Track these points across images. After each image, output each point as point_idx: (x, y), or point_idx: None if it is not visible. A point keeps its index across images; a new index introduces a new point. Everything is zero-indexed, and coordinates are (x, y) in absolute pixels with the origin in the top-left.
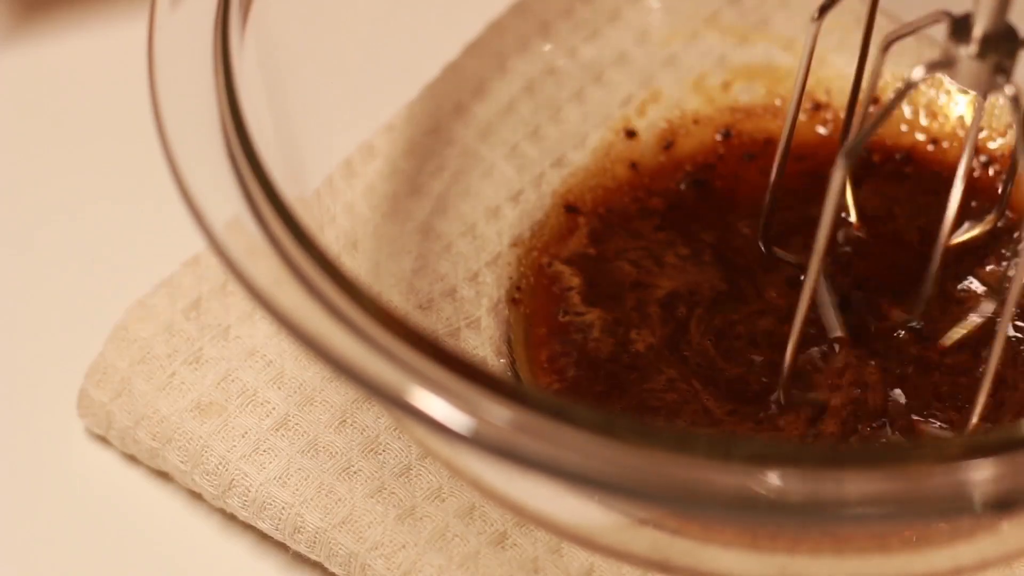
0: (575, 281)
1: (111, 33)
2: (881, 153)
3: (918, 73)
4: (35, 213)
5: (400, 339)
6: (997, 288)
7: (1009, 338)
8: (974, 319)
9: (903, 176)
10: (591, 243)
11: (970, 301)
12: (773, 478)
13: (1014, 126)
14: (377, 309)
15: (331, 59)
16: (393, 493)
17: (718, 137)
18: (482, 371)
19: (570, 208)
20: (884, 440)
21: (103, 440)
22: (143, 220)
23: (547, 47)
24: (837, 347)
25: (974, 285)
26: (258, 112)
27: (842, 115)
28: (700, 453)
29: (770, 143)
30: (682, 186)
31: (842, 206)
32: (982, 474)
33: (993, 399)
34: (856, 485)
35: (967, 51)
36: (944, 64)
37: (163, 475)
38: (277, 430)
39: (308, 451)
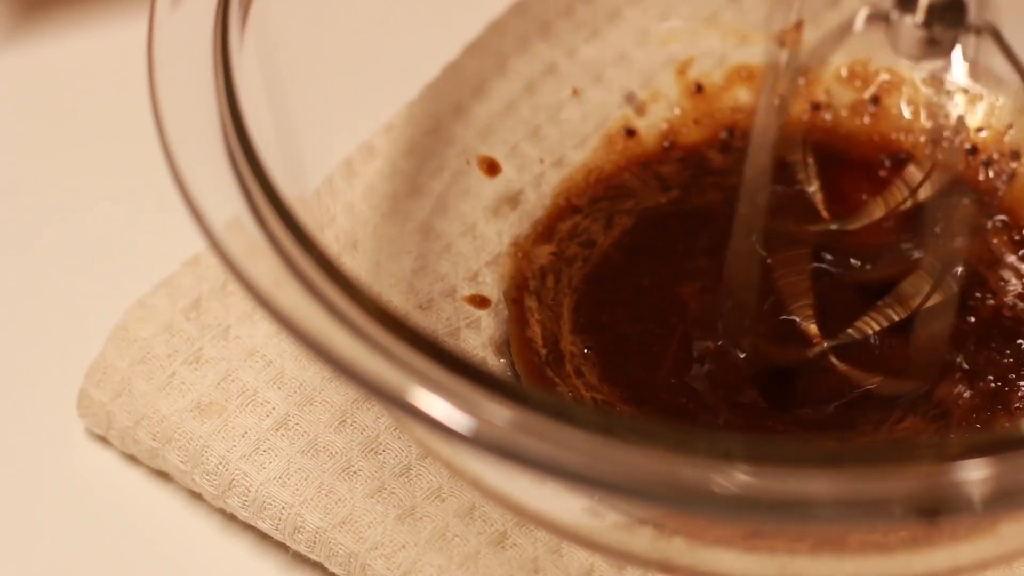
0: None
1: (111, 33)
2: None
3: (859, 21)
4: (35, 213)
5: (400, 339)
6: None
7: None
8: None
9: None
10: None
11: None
12: (773, 478)
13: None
14: (377, 309)
15: (331, 59)
16: (393, 493)
17: (719, 136)
18: (482, 371)
19: (573, 209)
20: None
21: (103, 440)
22: (143, 220)
23: (547, 47)
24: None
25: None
26: (258, 112)
27: (843, 113)
28: (700, 453)
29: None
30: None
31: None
32: (981, 473)
33: None
34: (856, 485)
35: (911, 20)
36: (885, 19)
37: (163, 475)
38: (277, 430)
39: (308, 451)
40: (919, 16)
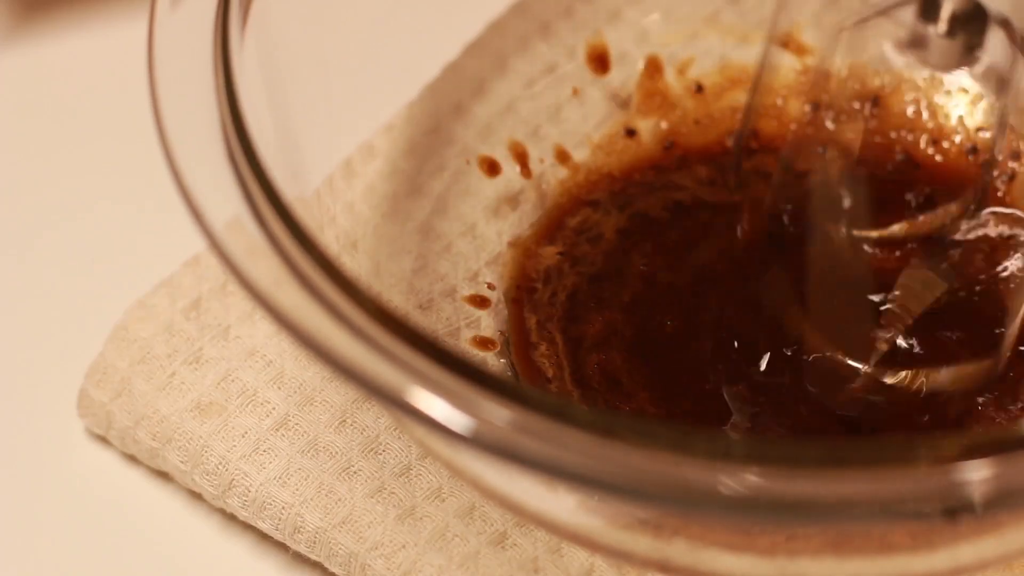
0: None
1: (111, 33)
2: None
3: (893, 55)
4: (35, 213)
5: (400, 339)
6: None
7: None
8: None
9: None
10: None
11: None
12: (773, 478)
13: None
14: (377, 309)
15: (331, 59)
16: (393, 493)
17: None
18: (482, 371)
19: (586, 203)
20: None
21: (103, 440)
22: (143, 220)
23: (547, 47)
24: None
25: None
26: (258, 112)
27: (842, 116)
28: (700, 453)
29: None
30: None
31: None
32: (981, 474)
33: None
34: (856, 485)
35: (935, 30)
36: (914, 44)
37: (163, 475)
38: (277, 430)
39: (308, 451)
40: (942, 26)
